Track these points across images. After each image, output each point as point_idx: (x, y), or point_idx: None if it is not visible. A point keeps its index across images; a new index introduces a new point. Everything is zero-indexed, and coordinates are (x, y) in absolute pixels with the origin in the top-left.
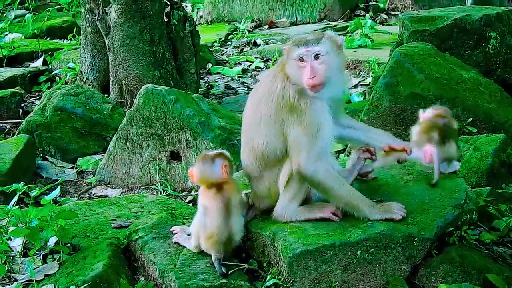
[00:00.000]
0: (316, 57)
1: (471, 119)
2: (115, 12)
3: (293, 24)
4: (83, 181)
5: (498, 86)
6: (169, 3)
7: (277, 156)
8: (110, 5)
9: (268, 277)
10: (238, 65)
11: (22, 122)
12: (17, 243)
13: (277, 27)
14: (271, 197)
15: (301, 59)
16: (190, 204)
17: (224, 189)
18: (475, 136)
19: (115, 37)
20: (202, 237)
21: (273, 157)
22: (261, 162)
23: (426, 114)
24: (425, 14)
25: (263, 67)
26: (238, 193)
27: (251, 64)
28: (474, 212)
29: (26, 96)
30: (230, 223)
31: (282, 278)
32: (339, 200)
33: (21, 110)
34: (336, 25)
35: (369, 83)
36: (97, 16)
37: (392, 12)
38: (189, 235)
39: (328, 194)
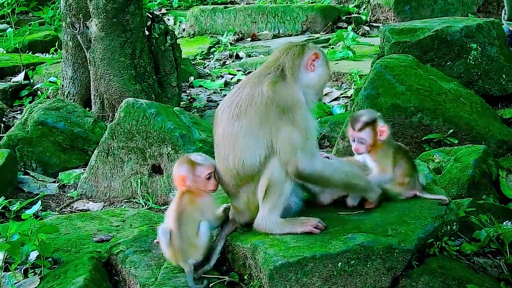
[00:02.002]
0: None
1: (452, 130)
2: (96, 26)
3: (275, 36)
4: (64, 195)
5: (479, 97)
6: (151, 17)
7: (255, 170)
8: (91, 19)
9: None
10: (220, 78)
11: (4, 136)
12: None
13: (259, 39)
14: (251, 210)
15: None
16: None
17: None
18: (456, 147)
19: (96, 51)
20: None
21: (250, 173)
22: (237, 180)
23: (383, 129)
24: (406, 25)
25: None
26: (203, 201)
27: (233, 77)
28: (455, 223)
29: (8, 110)
30: (182, 233)
31: None
32: (339, 186)
33: (2, 125)
34: (318, 38)
35: (351, 95)
36: (78, 30)
37: (374, 24)
38: None
39: (330, 185)
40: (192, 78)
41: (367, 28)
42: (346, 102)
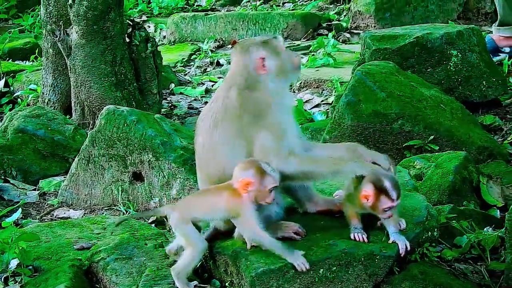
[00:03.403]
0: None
1: (432, 136)
2: (76, 33)
3: None
4: (45, 203)
5: (460, 104)
6: (131, 24)
7: None
8: (71, 26)
9: None
10: (201, 85)
11: None
12: None
13: None
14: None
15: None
16: (153, 225)
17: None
18: (436, 153)
19: (77, 58)
20: None
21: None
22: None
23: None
24: (387, 32)
25: None
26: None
27: (214, 84)
28: (436, 229)
29: None
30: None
31: None
32: (326, 177)
33: None
34: (299, 44)
35: (332, 102)
36: (58, 37)
37: (355, 31)
38: None
39: (317, 177)
40: (172, 85)
41: (348, 35)
42: (327, 109)
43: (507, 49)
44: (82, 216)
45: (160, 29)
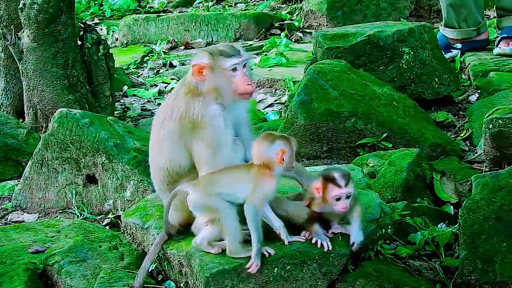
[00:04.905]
0: (245, 65)
1: (385, 134)
2: (28, 36)
3: (208, 44)
4: None
5: (412, 101)
6: (83, 27)
7: (183, 170)
8: (22, 30)
9: None
10: (154, 87)
11: None
12: None
13: (192, 48)
14: (184, 209)
15: (234, 69)
16: (107, 227)
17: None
18: (390, 151)
19: (29, 62)
20: None
21: (178, 172)
22: (168, 177)
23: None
24: (338, 31)
25: None
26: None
27: (167, 86)
28: (390, 227)
29: None
30: None
31: None
32: None
33: None
34: (251, 45)
35: (285, 101)
36: (9, 41)
37: (307, 30)
38: None
39: None
40: (125, 87)
41: (300, 34)
42: (280, 109)
43: (459, 45)
44: (36, 220)
45: (113, 31)
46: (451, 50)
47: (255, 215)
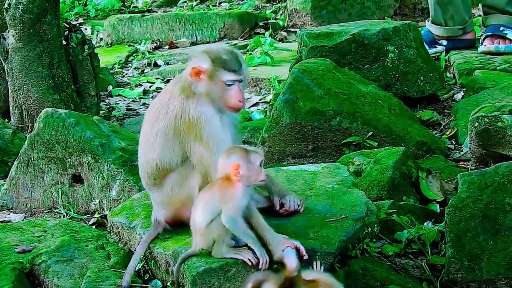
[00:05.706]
0: (240, 81)
1: (371, 132)
2: (13, 36)
3: (193, 44)
4: None
5: (397, 99)
6: (68, 26)
7: (172, 167)
8: (7, 30)
9: None
10: (139, 86)
11: None
12: None
13: (177, 47)
14: (172, 204)
15: (228, 84)
16: (93, 227)
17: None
18: (375, 149)
19: (14, 62)
20: None
21: (168, 168)
22: (157, 172)
23: None
24: (323, 30)
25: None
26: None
27: (152, 85)
28: (376, 225)
29: None
30: None
31: None
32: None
33: None
34: (236, 44)
35: (270, 100)
36: None
37: (292, 29)
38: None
39: None
40: (110, 87)
41: (285, 34)
42: (265, 108)
43: (444, 42)
44: (23, 220)
45: (97, 31)
46: (436, 46)
47: (235, 223)
